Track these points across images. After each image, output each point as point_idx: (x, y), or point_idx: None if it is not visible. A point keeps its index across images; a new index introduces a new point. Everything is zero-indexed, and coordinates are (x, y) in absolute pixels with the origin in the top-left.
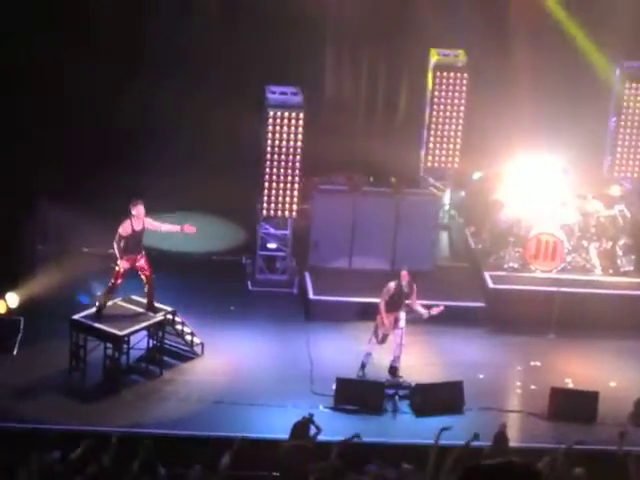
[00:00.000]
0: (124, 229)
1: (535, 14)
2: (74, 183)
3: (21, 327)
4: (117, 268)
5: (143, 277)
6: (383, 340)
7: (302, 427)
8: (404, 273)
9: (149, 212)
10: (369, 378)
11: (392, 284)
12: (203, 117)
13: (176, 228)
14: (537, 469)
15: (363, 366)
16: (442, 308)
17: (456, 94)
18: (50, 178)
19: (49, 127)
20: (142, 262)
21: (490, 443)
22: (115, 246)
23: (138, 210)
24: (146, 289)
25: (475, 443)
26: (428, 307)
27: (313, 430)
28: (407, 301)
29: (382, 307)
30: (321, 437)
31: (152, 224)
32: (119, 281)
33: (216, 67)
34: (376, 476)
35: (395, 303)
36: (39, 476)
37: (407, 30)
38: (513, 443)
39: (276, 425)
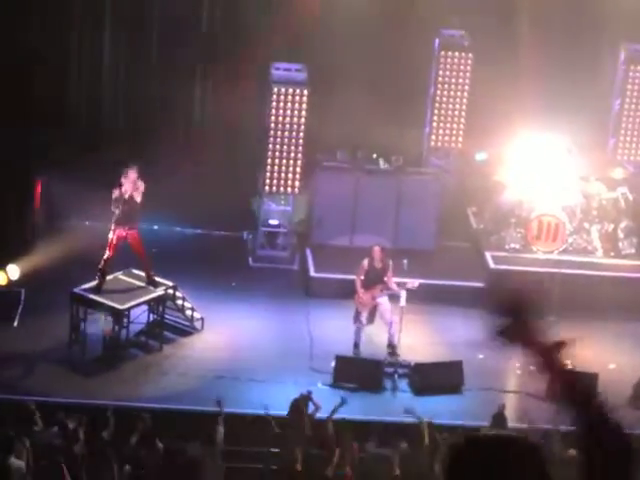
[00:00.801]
0: (114, 193)
1: None
2: (76, 155)
3: (22, 299)
4: (109, 239)
5: (137, 252)
6: (370, 320)
7: (301, 404)
8: (376, 249)
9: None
10: (367, 356)
11: (365, 261)
12: (206, 92)
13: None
14: (536, 443)
15: (356, 345)
16: (417, 284)
17: (460, 74)
18: (52, 150)
19: (50, 99)
20: (131, 238)
21: (488, 423)
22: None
23: (128, 175)
24: (142, 262)
25: (473, 423)
26: (402, 283)
27: (312, 407)
28: (384, 278)
29: (358, 285)
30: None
31: (139, 186)
32: (111, 253)
33: (221, 42)
34: (373, 453)
35: (371, 280)
36: (38, 450)
37: (413, 10)
38: (512, 424)
39: (275, 401)
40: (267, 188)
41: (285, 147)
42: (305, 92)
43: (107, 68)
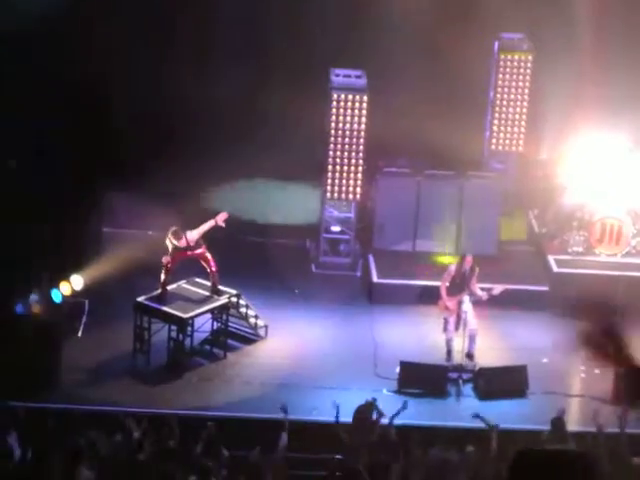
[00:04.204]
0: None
1: None
2: (139, 167)
3: (86, 309)
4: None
5: (205, 264)
6: (457, 327)
7: (365, 411)
8: (469, 258)
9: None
10: (431, 362)
11: (452, 267)
12: (267, 101)
13: (211, 223)
14: (592, 458)
15: (449, 352)
16: (502, 289)
17: (520, 77)
18: (116, 162)
19: (115, 111)
20: (199, 251)
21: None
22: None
23: (176, 239)
24: (210, 275)
25: (535, 427)
26: (488, 289)
27: (375, 414)
28: (469, 284)
29: (443, 291)
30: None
31: (195, 236)
32: (173, 263)
33: (281, 51)
34: (438, 458)
35: (457, 287)
36: (104, 459)
37: (472, 14)
38: (576, 427)
39: (340, 408)
40: (329, 195)
41: (346, 153)
42: (365, 98)
43: (169, 73)
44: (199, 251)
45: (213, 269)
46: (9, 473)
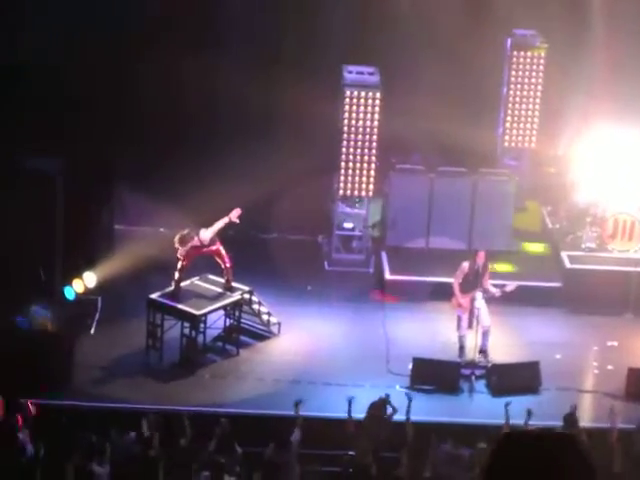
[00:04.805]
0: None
1: None
2: (152, 164)
3: (99, 306)
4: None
5: (219, 260)
6: (470, 323)
7: (378, 407)
8: (481, 254)
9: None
10: (444, 358)
11: (466, 264)
12: (280, 99)
13: (225, 220)
14: (575, 435)
15: (461, 349)
16: (515, 285)
17: (533, 73)
18: (128, 160)
19: (127, 111)
20: (216, 248)
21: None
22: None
23: (182, 245)
24: (224, 271)
25: (547, 423)
26: (501, 286)
27: (389, 410)
28: (482, 280)
29: (456, 288)
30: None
31: (208, 235)
32: (187, 260)
33: (293, 47)
34: (450, 454)
35: (470, 283)
36: (116, 456)
37: (485, 10)
38: (589, 423)
39: (353, 403)
40: (341, 192)
41: (359, 150)
42: (378, 95)
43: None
44: (214, 248)
45: (227, 265)
46: (22, 469)
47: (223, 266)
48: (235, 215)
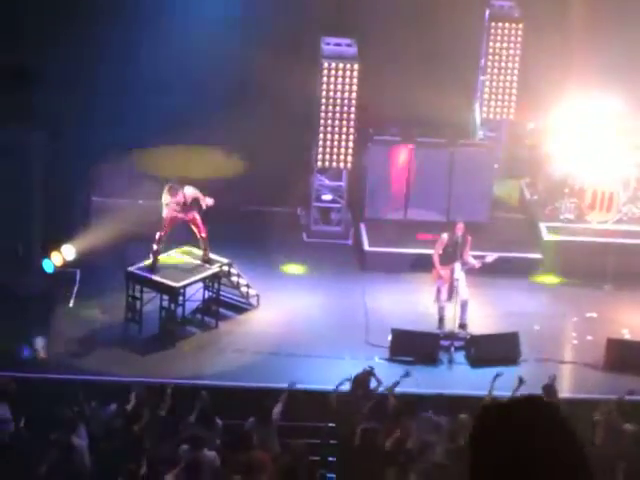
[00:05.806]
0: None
1: None
2: (130, 137)
3: (77, 279)
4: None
5: (195, 230)
6: (450, 295)
7: (363, 379)
8: (460, 225)
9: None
10: (423, 329)
11: (445, 236)
12: (257, 71)
13: (201, 197)
14: (557, 406)
15: (441, 320)
16: (495, 257)
17: (511, 45)
18: (105, 131)
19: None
20: (192, 216)
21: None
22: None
23: (173, 194)
24: (201, 241)
25: (526, 393)
26: (481, 257)
27: (374, 383)
28: (462, 252)
29: (436, 260)
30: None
31: (191, 193)
32: (165, 232)
33: (271, 19)
34: (429, 422)
35: (449, 255)
36: (97, 429)
37: None
38: (568, 394)
39: (333, 376)
40: (319, 163)
41: (337, 122)
42: (356, 67)
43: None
44: (191, 215)
45: (203, 235)
46: (5, 443)
47: (199, 236)
48: (208, 202)
